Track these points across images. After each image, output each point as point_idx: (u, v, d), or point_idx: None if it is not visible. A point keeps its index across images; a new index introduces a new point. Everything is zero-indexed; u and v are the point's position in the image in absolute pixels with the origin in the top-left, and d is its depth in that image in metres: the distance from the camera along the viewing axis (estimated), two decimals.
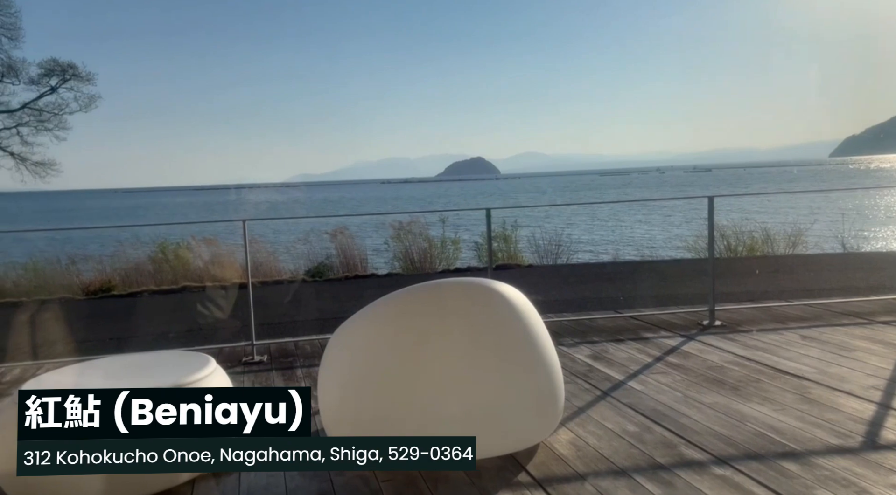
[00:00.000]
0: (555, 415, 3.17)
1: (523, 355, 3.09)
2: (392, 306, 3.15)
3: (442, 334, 3.00)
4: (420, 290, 3.22)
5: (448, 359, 2.97)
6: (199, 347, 5.25)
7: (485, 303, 3.12)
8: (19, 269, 9.86)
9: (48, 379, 3.07)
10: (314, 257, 11.34)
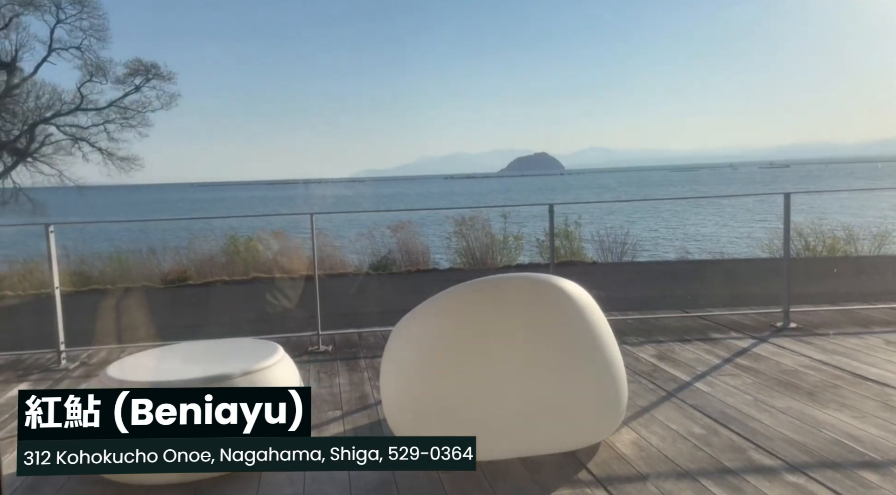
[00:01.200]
0: (617, 414, 3.12)
1: (585, 352, 3.06)
2: (453, 300, 3.17)
3: (503, 328, 3.01)
4: (481, 284, 3.23)
5: (508, 353, 2.97)
6: (268, 336, 5.45)
7: (546, 298, 3.10)
8: (105, 259, 10.49)
9: (131, 362, 3.27)
10: (378, 251, 11.53)
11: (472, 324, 3.05)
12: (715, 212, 24.17)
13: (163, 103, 17.72)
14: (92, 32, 16.65)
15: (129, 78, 17.18)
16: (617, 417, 3.13)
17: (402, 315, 3.37)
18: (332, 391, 4.17)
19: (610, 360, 3.09)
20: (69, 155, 16.64)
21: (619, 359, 3.16)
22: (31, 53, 16.13)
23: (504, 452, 3.00)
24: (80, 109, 16.72)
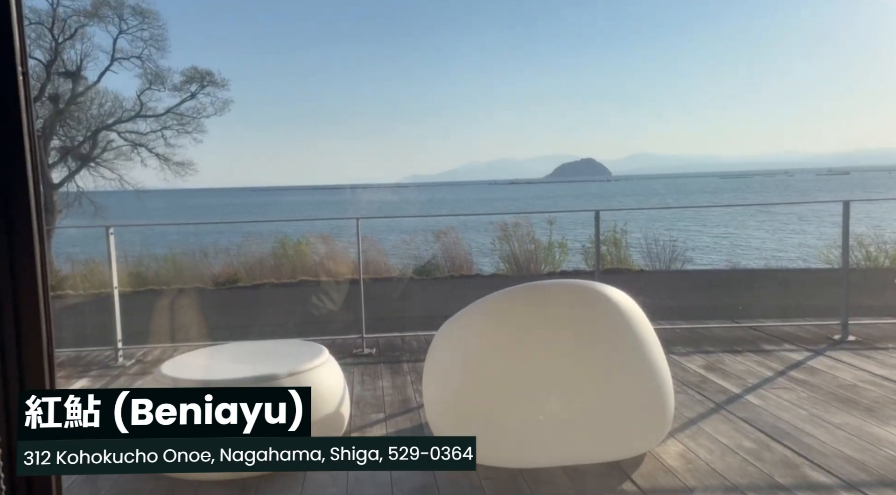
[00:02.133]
0: (663, 425, 3.06)
1: (630, 360, 3.01)
2: (497, 305, 3.17)
3: (546, 335, 2.99)
4: (525, 290, 3.22)
5: (551, 359, 2.95)
6: (314, 338, 5.55)
7: (591, 305, 3.07)
8: (160, 260, 10.87)
9: (183, 361, 3.38)
10: (421, 256, 11.60)
11: (516, 329, 3.04)
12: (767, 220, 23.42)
13: (216, 109, 18.28)
14: (152, 42, 17.34)
15: (185, 85, 17.80)
16: (663, 428, 3.06)
17: (445, 319, 3.38)
18: (375, 394, 4.21)
19: (656, 370, 3.03)
20: (129, 160, 17.35)
21: (666, 369, 3.10)
22: (95, 63, 16.90)
23: (546, 460, 2.98)
24: (140, 116, 17.43)
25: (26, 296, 1.15)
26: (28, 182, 1.14)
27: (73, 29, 16.48)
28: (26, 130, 1.14)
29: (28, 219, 1.16)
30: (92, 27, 16.75)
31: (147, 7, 17.22)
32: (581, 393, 2.92)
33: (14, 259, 1.14)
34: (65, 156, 16.56)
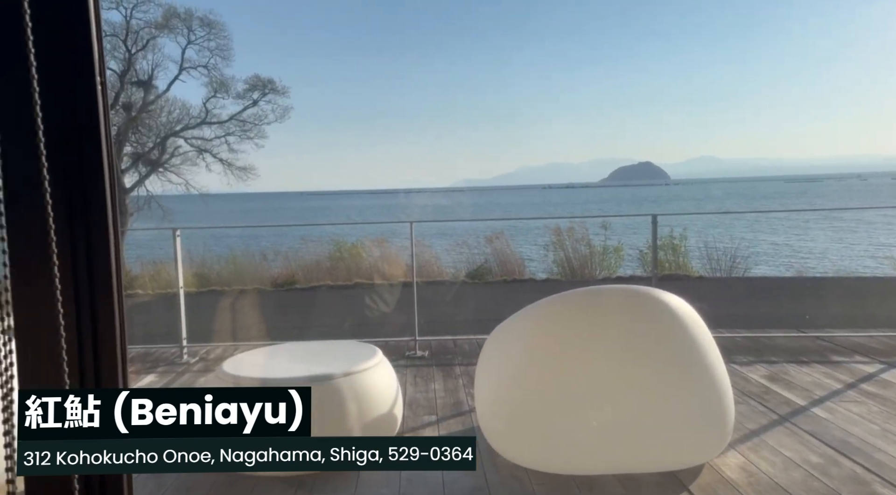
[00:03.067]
0: (723, 436, 2.97)
1: (688, 368, 2.93)
2: (550, 309, 3.15)
3: (600, 340, 2.95)
4: (579, 295, 3.19)
5: (606, 366, 2.91)
6: (368, 339, 5.65)
7: (647, 311, 3.01)
8: (223, 262, 11.27)
9: (243, 359, 3.50)
10: (474, 260, 11.62)
11: (569, 334, 3.01)
12: (836, 226, 22.32)
13: (277, 116, 18.86)
14: (217, 52, 18.06)
15: (248, 93, 18.44)
16: (722, 439, 2.97)
17: (497, 323, 3.38)
18: (427, 396, 4.25)
19: (715, 379, 2.94)
20: (194, 165, 18.11)
21: (726, 378, 3.00)
22: (165, 72, 17.73)
23: (600, 467, 2.94)
24: (205, 123, 18.16)
25: (102, 295, 1.21)
26: (105, 187, 1.20)
27: (145, 40, 17.33)
28: (104, 138, 1.20)
29: (105, 222, 1.22)
30: (162, 38, 17.57)
31: (214, 18, 17.96)
32: (636, 400, 2.87)
33: (92, 259, 1.20)
34: (136, 161, 17.40)
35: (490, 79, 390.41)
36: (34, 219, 1.08)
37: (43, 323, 1.14)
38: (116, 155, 15.64)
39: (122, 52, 16.93)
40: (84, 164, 1.18)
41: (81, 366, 1.21)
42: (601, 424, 2.86)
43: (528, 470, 3.02)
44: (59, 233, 1.10)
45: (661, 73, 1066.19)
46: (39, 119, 1.03)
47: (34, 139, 1.05)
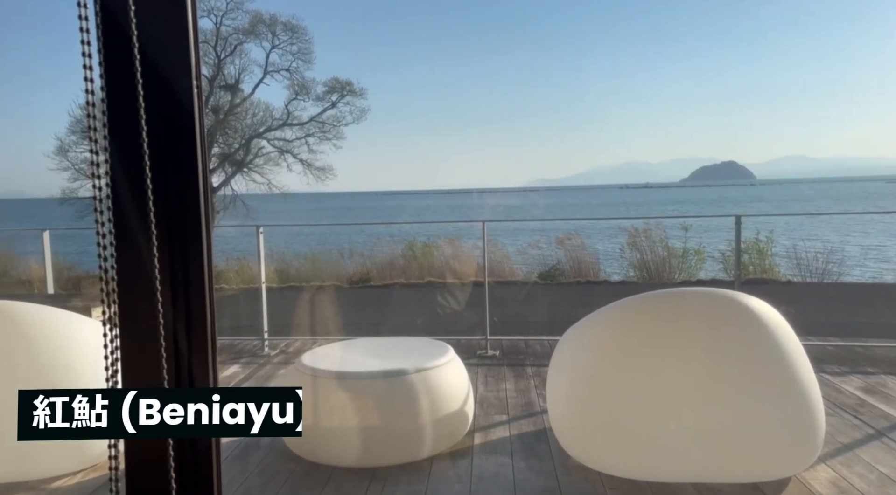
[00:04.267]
0: (812, 449, 2.81)
1: (773, 376, 2.80)
2: (625, 311, 3.08)
3: (679, 344, 2.85)
4: (657, 297, 3.10)
5: (684, 371, 2.81)
6: (439, 337, 5.71)
7: (729, 315, 2.89)
8: (302, 259, 11.68)
9: (321, 353, 3.61)
10: (546, 260, 11.49)
11: (646, 337, 2.94)
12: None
13: (354, 118, 19.36)
14: (300, 55, 18.75)
15: (327, 95, 19.04)
16: (811, 452, 2.81)
17: (570, 325, 3.34)
18: (498, 395, 4.24)
19: (803, 388, 2.79)
20: (276, 165, 18.87)
21: (816, 389, 2.84)
22: (251, 76, 18.57)
23: (676, 475, 2.85)
24: (287, 124, 18.88)
25: (196, 289, 1.27)
26: (199, 186, 1.27)
27: (233, 46, 18.20)
28: (198, 139, 1.27)
29: (198, 219, 1.29)
30: (248, 43, 18.40)
31: (296, 23, 18.65)
32: (717, 407, 2.76)
33: (186, 255, 1.27)
34: (223, 162, 18.31)
35: (565, 77, 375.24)
36: (138, 217, 1.16)
37: (143, 312, 1.22)
38: (207, 156, 16.52)
39: (212, 57, 17.86)
40: (182, 165, 1.25)
41: (177, 353, 1.29)
42: (680, 430, 2.77)
43: (600, 473, 2.97)
44: (159, 230, 1.17)
45: (746, 70, 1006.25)
46: (143, 120, 1.11)
47: (138, 140, 1.13)
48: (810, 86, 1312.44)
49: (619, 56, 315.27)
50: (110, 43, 1.11)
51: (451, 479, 3.01)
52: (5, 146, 66.50)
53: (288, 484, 3.00)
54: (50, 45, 29.84)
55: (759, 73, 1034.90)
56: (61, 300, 5.21)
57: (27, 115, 57.01)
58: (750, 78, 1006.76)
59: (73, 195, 17.16)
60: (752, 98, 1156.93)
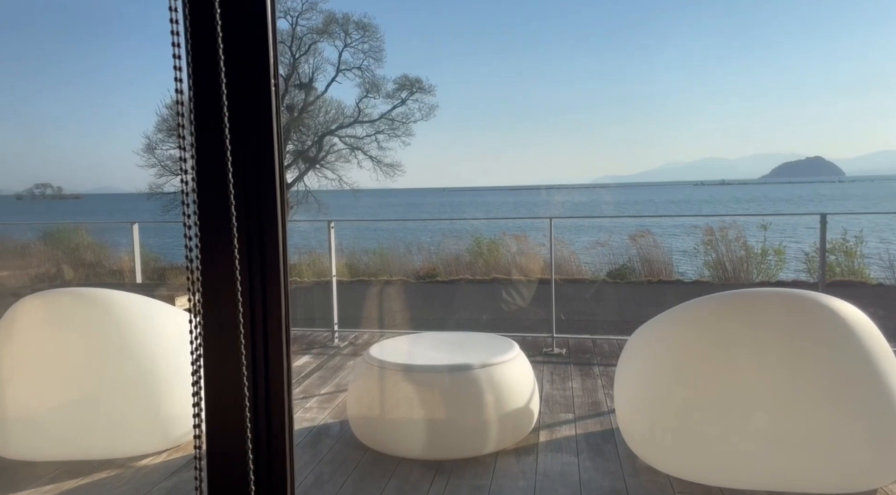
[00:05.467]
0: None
1: (859, 382, 2.64)
2: (700, 310, 2.98)
3: (755, 347, 2.74)
4: (734, 297, 2.99)
5: (762, 374, 2.70)
6: (504, 333, 5.70)
7: (812, 318, 2.75)
8: (370, 254, 11.92)
9: (388, 345, 3.69)
10: (616, 259, 11.25)
11: (721, 337, 2.83)
12: None
13: (423, 115, 19.55)
14: (371, 54, 19.10)
15: (397, 92, 19.31)
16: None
17: (640, 325, 3.26)
18: (564, 394, 4.20)
19: (892, 396, 2.62)
20: (347, 162, 19.32)
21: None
22: (324, 75, 19.08)
23: (750, 482, 2.73)
24: (357, 122, 19.30)
25: (271, 280, 1.32)
26: (275, 182, 1.32)
27: (308, 45, 18.74)
28: (275, 137, 1.32)
29: (274, 214, 1.34)
30: (322, 43, 18.90)
31: (368, 21, 19.00)
32: (797, 412, 2.63)
33: (264, 248, 1.33)
34: (296, 158, 18.91)
35: (635, 70, 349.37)
36: (220, 211, 1.22)
37: (224, 301, 1.28)
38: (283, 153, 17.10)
39: (287, 57, 18.46)
40: (259, 162, 1.31)
41: (254, 341, 1.35)
42: (756, 435, 2.66)
43: (670, 476, 2.89)
44: (239, 223, 1.23)
45: (833, 57, 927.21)
46: (226, 119, 1.17)
47: (221, 137, 1.19)
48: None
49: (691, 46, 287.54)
50: (198, 46, 1.17)
51: (515, 475, 3.00)
52: (97, 144, 71.23)
53: (356, 472, 3.08)
54: (140, 48, 31.81)
55: (848, 63, 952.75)
56: (148, 289, 5.54)
57: (118, 114, 60.93)
58: (838, 67, 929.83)
59: (159, 190, 18.16)
60: (839, 89, 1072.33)
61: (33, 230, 12.98)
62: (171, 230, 10.29)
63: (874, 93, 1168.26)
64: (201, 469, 1.17)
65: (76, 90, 61.89)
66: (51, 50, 55.39)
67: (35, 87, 58.77)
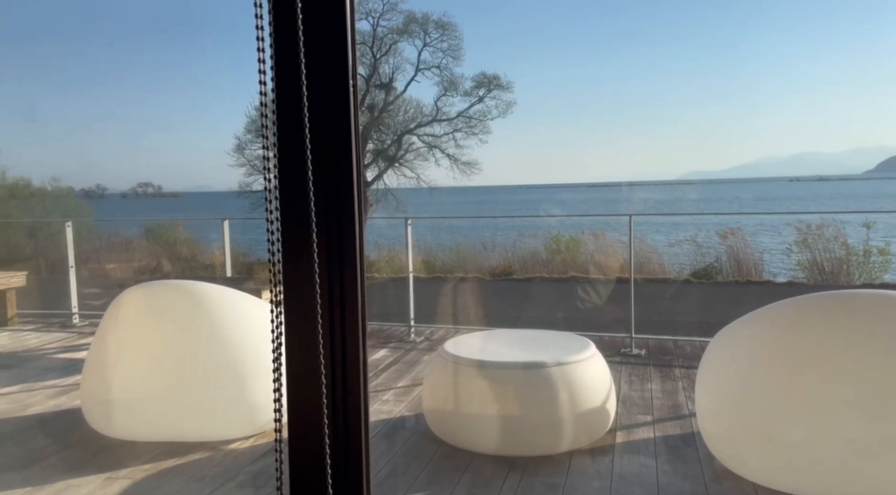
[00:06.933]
0: None
1: None
2: (791, 311, 2.83)
3: (851, 350, 2.57)
4: (828, 299, 2.82)
5: (856, 379, 2.53)
6: (580, 332, 5.60)
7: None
8: (447, 251, 12.03)
9: (463, 341, 3.72)
10: (701, 258, 10.81)
11: (813, 340, 2.68)
12: None
13: (500, 112, 19.49)
14: (450, 52, 19.24)
15: (475, 90, 19.35)
16: None
17: (724, 327, 3.13)
18: (642, 395, 4.09)
19: None
20: (425, 160, 19.57)
21: None
22: (403, 74, 19.40)
23: (839, 492, 2.57)
24: (435, 120, 19.49)
25: (349, 276, 1.37)
26: (354, 182, 1.37)
27: (388, 46, 19.11)
28: (353, 136, 1.37)
29: (352, 211, 1.38)
30: (402, 43, 19.21)
31: (447, 20, 19.14)
32: (894, 420, 2.45)
33: (342, 244, 1.37)
34: (376, 157, 19.33)
35: (720, 59, 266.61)
36: (301, 208, 1.27)
37: (304, 295, 1.34)
38: (361, 152, 17.54)
39: (368, 57, 18.89)
40: (338, 161, 1.36)
41: (332, 334, 1.40)
42: (848, 443, 2.50)
43: (755, 484, 2.76)
44: (318, 219, 1.29)
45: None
46: (306, 119, 1.23)
47: (301, 137, 1.24)
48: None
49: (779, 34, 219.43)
50: (280, 50, 1.23)
51: (590, 475, 2.96)
52: (194, 145, 75.74)
53: (431, 465, 3.13)
54: (234, 53, 33.61)
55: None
56: (237, 282, 5.84)
57: (212, 117, 64.57)
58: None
59: (247, 188, 19.06)
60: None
61: (136, 226, 13.97)
62: (258, 226, 10.79)
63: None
64: (282, 453, 1.23)
65: (174, 93, 66.11)
66: (153, 57, 59.46)
67: (139, 92, 63.22)
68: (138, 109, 66.93)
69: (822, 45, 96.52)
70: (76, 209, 14.96)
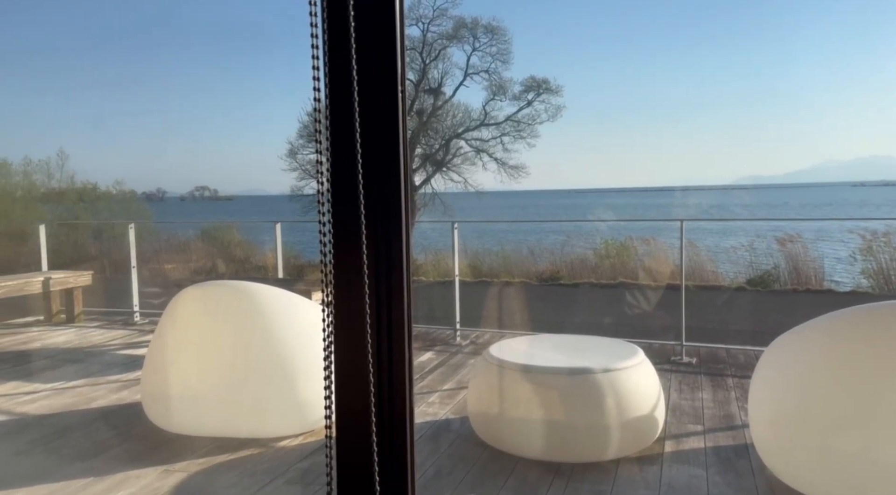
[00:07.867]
0: None
1: None
2: (852, 321, 2.72)
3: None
4: (886, 307, 2.70)
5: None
6: (629, 339, 5.51)
7: None
8: (493, 255, 12.02)
9: (508, 345, 3.71)
10: (757, 265, 10.47)
11: (871, 352, 2.57)
12: None
13: (549, 116, 19.35)
14: (499, 56, 19.23)
15: (523, 94, 19.27)
16: None
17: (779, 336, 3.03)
18: (693, 404, 4.00)
19: None
20: (473, 165, 19.59)
21: None
22: (452, 79, 19.49)
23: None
24: (483, 125, 19.50)
25: (395, 278, 1.40)
26: (400, 184, 1.40)
27: (437, 51, 19.24)
28: (401, 141, 1.40)
29: (399, 215, 1.41)
30: (451, 48, 19.32)
31: (496, 24, 19.15)
32: None
33: (389, 247, 1.40)
34: (424, 162, 19.47)
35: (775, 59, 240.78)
36: (351, 211, 1.31)
37: (354, 297, 1.37)
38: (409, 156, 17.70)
39: (418, 63, 19.06)
40: (387, 166, 1.39)
41: (378, 335, 1.43)
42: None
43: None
44: (367, 221, 1.32)
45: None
46: (357, 124, 1.26)
47: (352, 141, 1.28)
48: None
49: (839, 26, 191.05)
50: (334, 57, 1.27)
51: (637, 484, 2.91)
52: (248, 150, 77.95)
53: (475, 468, 3.14)
54: (288, 61, 34.55)
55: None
56: (288, 284, 5.98)
57: (268, 122, 66.39)
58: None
59: (299, 192, 19.49)
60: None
61: (193, 228, 14.47)
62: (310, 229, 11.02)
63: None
64: (331, 453, 1.27)
65: (230, 101, 68.30)
66: (209, 64, 61.60)
67: (196, 100, 65.55)
68: (196, 115, 69.40)
69: (888, 39, 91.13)
70: (138, 212, 15.61)
